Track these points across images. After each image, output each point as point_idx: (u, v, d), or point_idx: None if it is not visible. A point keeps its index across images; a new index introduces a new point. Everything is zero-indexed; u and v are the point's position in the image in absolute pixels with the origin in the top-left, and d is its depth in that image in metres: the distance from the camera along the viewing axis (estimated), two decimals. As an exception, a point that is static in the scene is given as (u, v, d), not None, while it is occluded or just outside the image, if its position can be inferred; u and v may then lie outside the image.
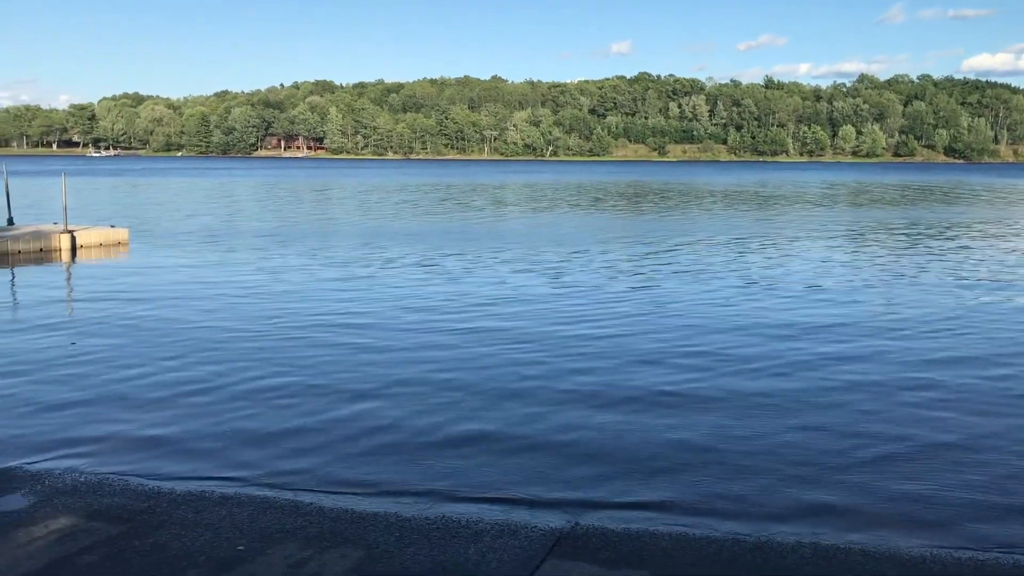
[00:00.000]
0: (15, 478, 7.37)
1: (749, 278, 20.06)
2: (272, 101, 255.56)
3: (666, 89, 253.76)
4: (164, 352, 12.32)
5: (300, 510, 6.73)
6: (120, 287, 18.31)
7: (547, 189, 69.78)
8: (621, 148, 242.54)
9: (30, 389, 10.42)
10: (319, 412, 9.59)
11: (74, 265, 22.49)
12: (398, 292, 17.73)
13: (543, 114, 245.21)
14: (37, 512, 6.55)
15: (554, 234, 31.00)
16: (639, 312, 15.60)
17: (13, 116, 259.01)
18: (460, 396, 10.25)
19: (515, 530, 6.43)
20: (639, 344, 13.01)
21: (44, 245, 24.33)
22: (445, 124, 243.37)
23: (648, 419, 9.42)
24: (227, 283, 18.87)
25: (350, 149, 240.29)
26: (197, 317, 14.95)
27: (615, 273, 20.75)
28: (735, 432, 8.98)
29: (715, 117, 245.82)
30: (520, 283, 19.00)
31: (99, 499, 6.85)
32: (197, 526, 6.33)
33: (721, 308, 16.08)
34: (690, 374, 11.31)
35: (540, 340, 13.20)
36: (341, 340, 13.15)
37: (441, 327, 14.16)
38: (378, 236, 29.66)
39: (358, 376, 11.08)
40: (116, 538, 6.07)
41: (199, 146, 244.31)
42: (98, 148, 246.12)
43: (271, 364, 11.66)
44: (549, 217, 40.16)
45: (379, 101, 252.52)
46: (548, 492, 7.40)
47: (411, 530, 6.38)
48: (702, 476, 7.80)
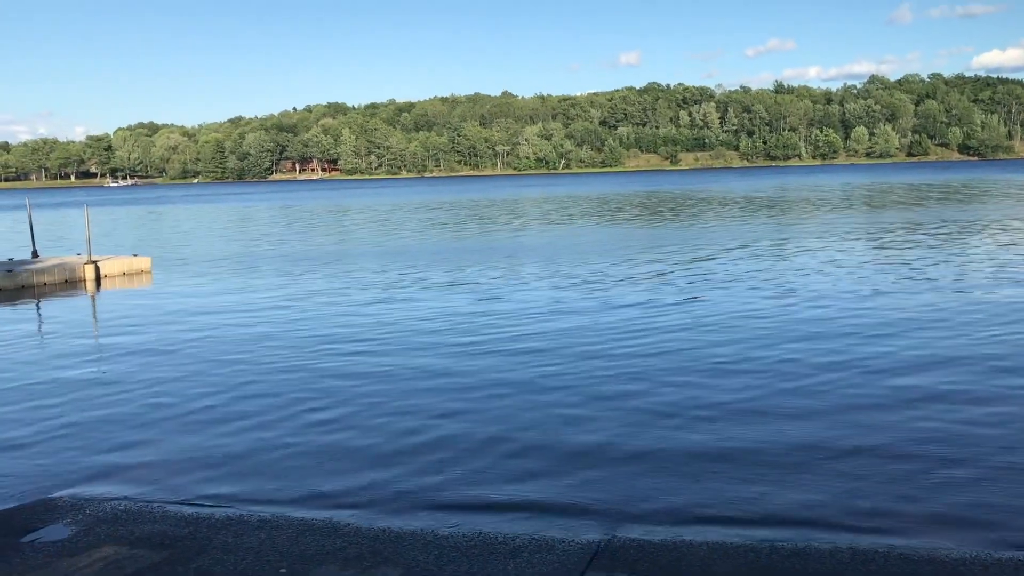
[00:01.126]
0: (56, 508, 7.47)
1: (799, 285, 19.76)
2: (285, 125, 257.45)
3: (676, 98, 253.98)
4: (193, 378, 12.45)
5: (338, 531, 6.79)
6: (146, 315, 18.50)
7: (566, 202, 69.88)
8: (633, 158, 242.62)
9: (64, 420, 10.55)
10: (351, 434, 9.66)
11: (99, 295, 22.74)
12: (433, 312, 17.80)
13: (554, 128, 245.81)
14: (80, 541, 6.64)
15: (585, 246, 31.04)
16: (683, 325, 15.48)
17: (31, 149, 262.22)
18: (492, 411, 10.29)
19: (552, 545, 6.46)
20: (680, 357, 13.02)
21: (69, 276, 24.62)
22: (457, 141, 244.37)
23: (684, 431, 9.43)
24: (253, 308, 19.03)
25: (364, 169, 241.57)
26: (225, 343, 15.08)
27: (658, 285, 20.52)
28: (771, 440, 8.98)
29: (726, 124, 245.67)
30: (562, 298, 18.96)
31: (140, 526, 6.94)
32: (238, 550, 6.41)
33: (768, 319, 15.76)
34: (735, 384, 11.30)
35: (599, 357, 13.24)
36: (374, 361, 13.24)
37: (473, 344, 14.24)
38: (406, 256, 29.79)
39: (393, 397, 11.15)
40: (160, 564, 6.16)
41: (215, 172, 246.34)
42: (116, 178, 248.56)
43: (303, 388, 11.76)
44: (575, 230, 40.18)
45: (391, 121, 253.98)
46: (584, 505, 7.43)
47: (449, 548, 6.43)
48: (738, 484, 7.81)
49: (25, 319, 19.21)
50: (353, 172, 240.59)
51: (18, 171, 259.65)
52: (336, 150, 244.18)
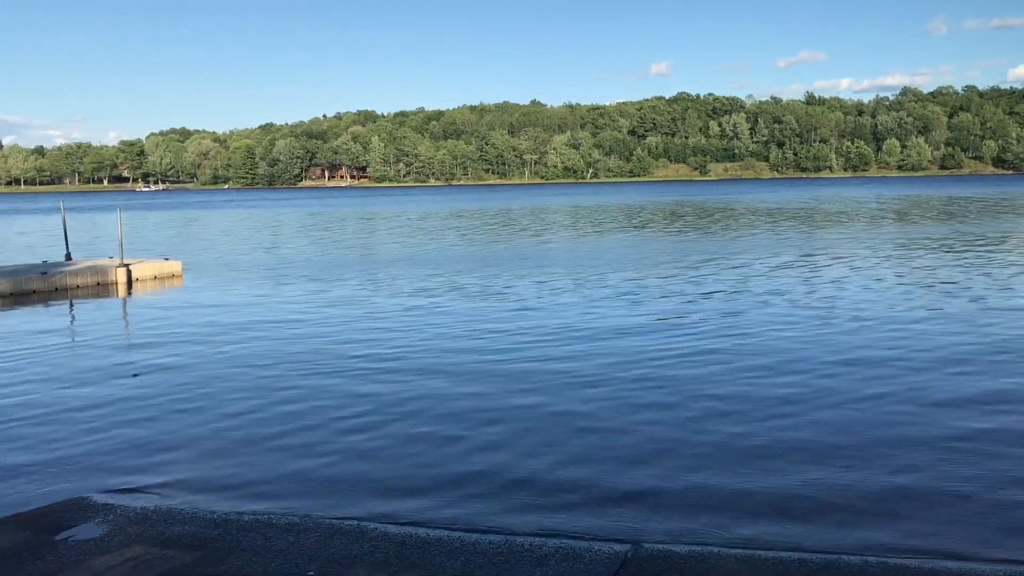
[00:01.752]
0: (87, 507, 7.56)
1: (840, 302, 19.55)
2: (315, 132, 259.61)
3: (706, 108, 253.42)
4: (223, 382, 12.56)
5: (365, 536, 6.82)
6: (177, 319, 18.69)
7: (597, 211, 69.81)
8: (662, 168, 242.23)
9: (95, 421, 10.68)
10: (379, 441, 9.70)
11: (131, 298, 23.01)
12: (466, 321, 17.84)
13: (582, 137, 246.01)
14: (112, 541, 6.71)
15: (618, 256, 31.00)
16: (718, 337, 15.38)
17: (65, 154, 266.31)
18: (522, 422, 10.30)
19: (579, 554, 6.45)
20: (714, 371, 12.97)
21: (101, 279, 24.93)
22: (485, 150, 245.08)
23: (715, 445, 9.39)
24: (285, 313, 19.17)
25: (392, 177, 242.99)
26: (256, 348, 15.20)
27: (695, 297, 20.32)
28: (804, 457, 8.91)
29: (756, 135, 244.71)
30: (597, 309, 18.89)
31: (170, 527, 7.00)
32: (267, 552, 6.45)
33: (807, 337, 15.42)
34: (770, 400, 11.23)
35: (630, 369, 13.21)
36: (406, 369, 13.30)
37: (506, 353, 14.26)
38: (439, 263, 29.88)
39: (424, 407, 11.18)
40: (190, 565, 6.21)
41: (245, 178, 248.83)
42: (147, 183, 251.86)
43: (333, 394, 11.81)
44: (607, 240, 40.13)
45: (420, 129, 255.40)
46: (611, 516, 7.42)
47: (476, 554, 6.44)
48: (768, 498, 7.76)
49: (58, 321, 19.46)
50: (381, 180, 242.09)
51: (52, 175, 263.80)
52: (365, 157, 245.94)
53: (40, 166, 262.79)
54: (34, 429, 10.35)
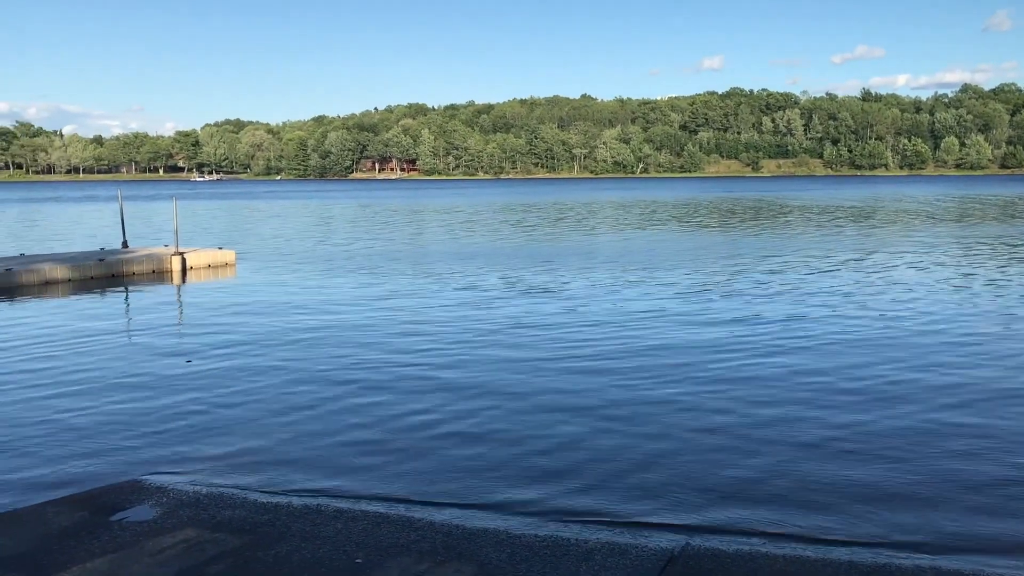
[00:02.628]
0: (142, 490, 7.72)
1: (905, 304, 19.20)
2: (367, 125, 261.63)
3: (759, 104, 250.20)
4: (275, 370, 12.72)
5: (412, 525, 6.86)
6: (230, 307, 18.98)
7: (653, 207, 69.37)
8: (713, 164, 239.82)
9: (149, 405, 10.89)
10: (427, 430, 9.76)
11: (185, 286, 23.42)
12: (522, 315, 17.87)
13: (633, 131, 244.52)
14: (165, 523, 6.84)
15: (675, 253, 30.81)
16: (780, 342, 15.24)
17: (123, 143, 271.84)
18: (574, 417, 10.29)
19: (625, 549, 6.42)
20: (773, 376, 12.84)
21: (157, 266, 25.41)
22: (535, 143, 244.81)
23: (767, 446, 9.29)
24: (337, 303, 19.36)
25: (441, 170, 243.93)
26: (307, 336, 15.37)
27: (754, 297, 20.00)
28: (859, 459, 8.78)
29: (810, 131, 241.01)
30: (657, 306, 18.81)
31: (221, 511, 7.12)
32: (316, 539, 6.53)
33: (870, 340, 15.15)
34: (825, 405, 11.09)
35: (684, 367, 13.15)
36: (458, 360, 13.36)
37: (562, 348, 14.26)
38: (494, 257, 29.93)
39: (475, 398, 11.22)
40: (240, 549, 6.31)
41: (297, 169, 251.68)
42: (202, 173, 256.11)
43: (384, 383, 11.92)
44: (665, 235, 39.89)
45: (470, 122, 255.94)
46: (659, 513, 7.38)
47: (522, 547, 6.44)
48: (821, 500, 7.66)
49: (114, 307, 19.89)
50: (431, 172, 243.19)
51: (110, 164, 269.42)
52: (415, 150, 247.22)
53: (99, 155, 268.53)
54: (90, 412, 10.58)
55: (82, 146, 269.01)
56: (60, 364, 13.28)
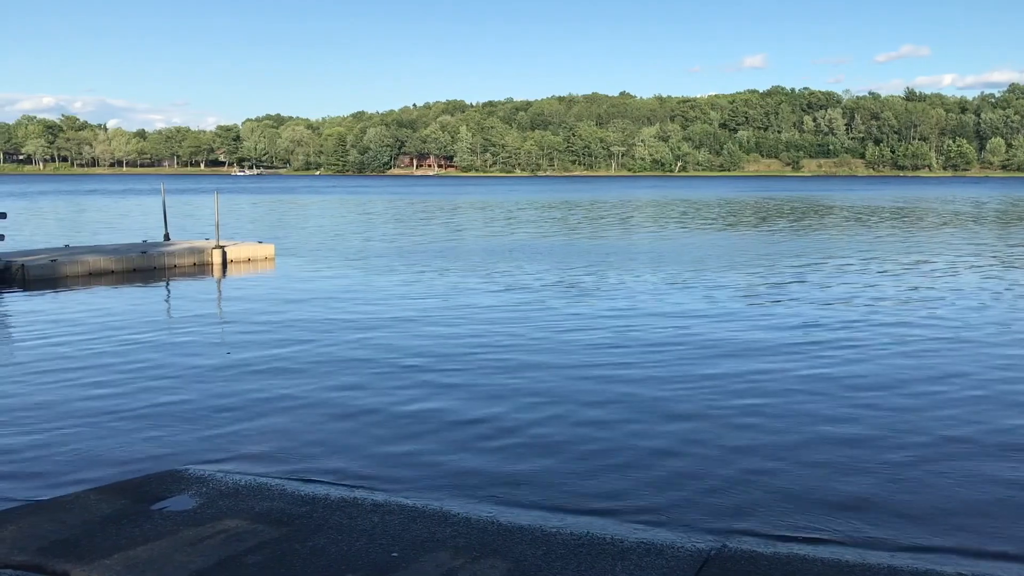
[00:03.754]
0: (182, 480, 7.82)
1: (964, 310, 19.05)
2: (405, 121, 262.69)
3: (800, 102, 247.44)
4: (314, 365, 12.83)
5: (448, 520, 6.88)
6: (270, 300, 19.16)
7: (697, 205, 68.96)
8: (753, 163, 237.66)
9: (190, 396, 11.04)
10: (463, 426, 9.79)
11: (225, 279, 23.69)
12: (567, 313, 17.86)
13: (672, 129, 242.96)
14: (204, 513, 6.93)
15: (720, 253, 30.63)
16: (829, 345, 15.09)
17: (165, 137, 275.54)
18: (608, 417, 10.27)
19: (661, 550, 6.39)
20: (821, 378, 12.71)
21: (198, 260, 25.73)
22: (572, 141, 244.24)
23: (807, 450, 9.20)
24: (377, 297, 19.48)
25: (479, 167, 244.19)
26: (347, 331, 15.48)
27: (809, 299, 19.79)
28: (904, 467, 8.67)
29: (852, 131, 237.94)
30: (704, 307, 18.76)
31: (260, 502, 7.19)
32: (352, 531, 6.57)
33: (927, 349, 14.53)
34: (879, 408, 10.95)
35: (724, 368, 13.07)
36: (496, 357, 13.38)
37: (608, 348, 14.24)
38: (537, 254, 29.93)
39: (513, 396, 11.23)
40: (278, 540, 6.37)
41: (336, 165, 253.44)
42: (242, 167, 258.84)
43: (422, 378, 11.97)
44: (709, 235, 39.67)
45: (508, 119, 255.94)
46: (695, 514, 7.34)
47: (557, 544, 6.44)
48: (861, 506, 7.57)
49: (156, 299, 20.18)
50: (468, 169, 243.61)
51: (153, 158, 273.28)
52: (453, 147, 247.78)
53: (142, 149, 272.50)
54: (131, 402, 10.74)
55: (125, 140, 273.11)
56: (101, 355, 13.50)
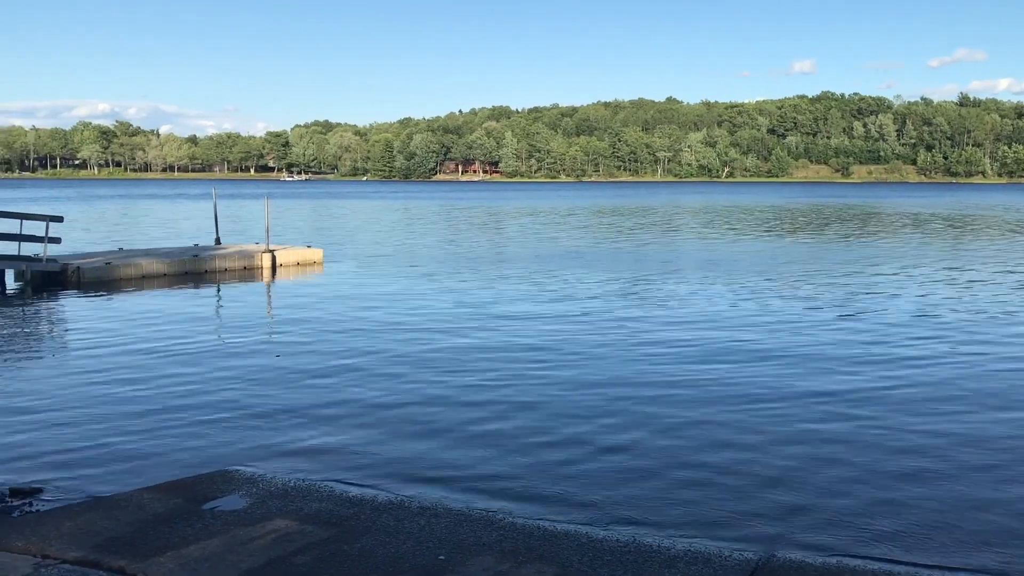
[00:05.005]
0: (232, 480, 7.93)
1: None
2: (451, 127, 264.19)
3: (850, 108, 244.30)
4: (361, 367, 12.94)
5: (494, 524, 6.89)
6: (318, 304, 19.37)
7: (751, 212, 68.37)
8: (801, 169, 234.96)
9: (239, 398, 11.20)
10: (514, 431, 9.81)
11: (275, 283, 24.00)
12: (617, 321, 17.83)
13: (719, 135, 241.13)
14: (254, 513, 7.02)
15: (782, 261, 30.38)
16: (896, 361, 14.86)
17: (216, 143, 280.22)
18: (656, 425, 10.23)
19: (709, 558, 6.34)
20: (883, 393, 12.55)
21: (248, 263, 26.10)
22: (618, 146, 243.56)
23: (864, 462, 9.08)
24: (420, 304, 19.59)
25: (524, 172, 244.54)
26: (397, 335, 15.57)
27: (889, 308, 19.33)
28: (956, 477, 8.51)
29: (903, 137, 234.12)
30: (761, 315, 18.61)
31: (308, 503, 7.27)
32: (399, 534, 6.61)
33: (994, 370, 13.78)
34: (942, 425, 10.71)
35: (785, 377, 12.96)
36: (548, 364, 13.39)
37: (656, 354, 14.20)
38: (591, 261, 29.93)
39: (565, 404, 11.21)
40: (327, 541, 6.43)
41: (382, 171, 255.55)
42: (291, 173, 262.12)
43: (470, 382, 12.01)
44: (780, 242, 39.32)
45: (553, 125, 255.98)
46: (743, 522, 7.28)
47: (603, 551, 6.41)
48: (915, 518, 7.45)
49: (207, 302, 20.52)
50: (513, 175, 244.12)
51: (204, 163, 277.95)
52: (498, 152, 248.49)
53: (193, 154, 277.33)
54: (182, 403, 10.92)
55: (177, 145, 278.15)
56: (153, 357, 13.75)
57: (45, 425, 9.96)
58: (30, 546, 6.26)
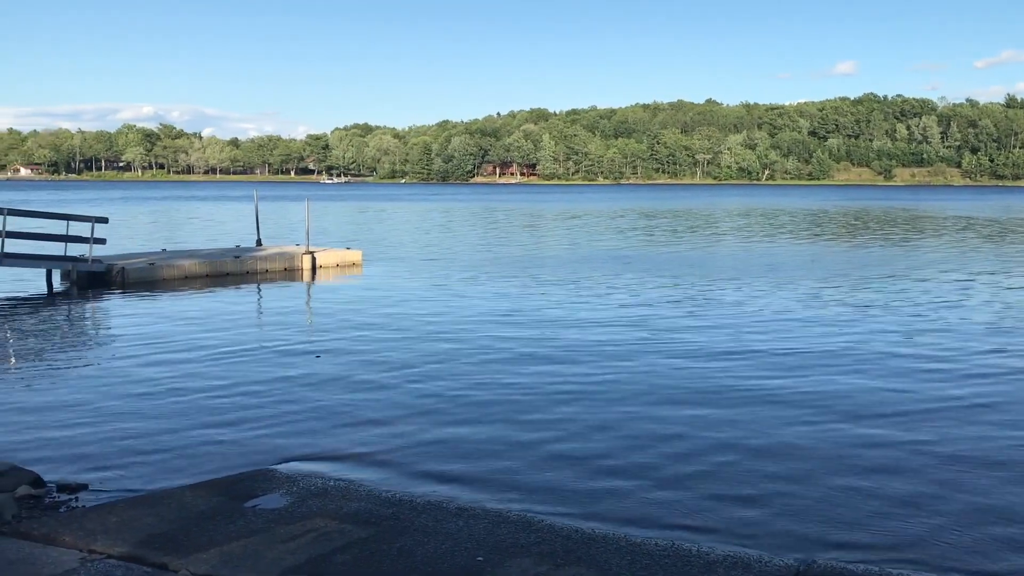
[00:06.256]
0: (273, 479, 8.02)
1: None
2: (489, 129, 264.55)
3: (893, 110, 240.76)
4: (401, 368, 13.00)
5: (532, 526, 6.90)
6: (357, 305, 19.50)
7: (795, 215, 67.76)
8: (843, 172, 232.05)
9: (280, 398, 11.31)
10: (553, 436, 9.80)
11: (314, 283, 24.22)
12: (670, 325, 17.77)
13: (759, 137, 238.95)
14: (295, 511, 7.09)
15: (841, 265, 30.09)
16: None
17: (257, 145, 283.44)
18: (696, 430, 10.17)
19: (748, 564, 6.29)
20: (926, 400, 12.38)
21: (288, 265, 26.36)
22: (656, 149, 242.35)
23: (901, 470, 8.96)
24: (460, 306, 19.64)
25: (561, 175, 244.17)
26: (434, 335, 15.67)
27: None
28: (1009, 489, 8.36)
29: (948, 139, 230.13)
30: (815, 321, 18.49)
31: (348, 503, 7.32)
32: (437, 534, 6.64)
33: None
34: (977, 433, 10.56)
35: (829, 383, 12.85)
36: (588, 368, 13.38)
37: (709, 358, 14.14)
38: (646, 264, 29.86)
39: (603, 408, 11.21)
40: (366, 541, 6.48)
41: (421, 173, 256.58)
42: (330, 175, 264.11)
43: (514, 385, 12.03)
44: (830, 246, 38.96)
45: (591, 127, 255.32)
46: (783, 528, 7.21)
47: (642, 555, 6.38)
48: (946, 526, 7.33)
49: (248, 302, 20.75)
50: (551, 177, 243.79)
51: (245, 165, 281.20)
52: (536, 155, 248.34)
53: (235, 157, 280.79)
54: (223, 403, 11.06)
55: (219, 148, 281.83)
56: (195, 356, 13.93)
57: (90, 422, 10.15)
58: (77, 541, 6.38)
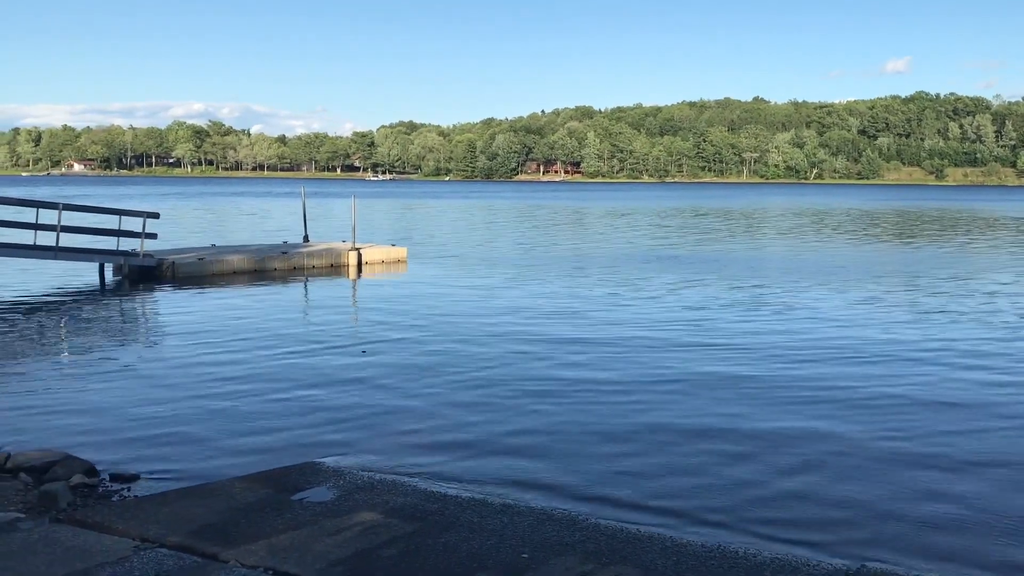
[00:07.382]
0: (320, 472, 8.10)
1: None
2: (533, 127, 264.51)
3: (946, 108, 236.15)
4: (446, 365, 13.05)
5: (577, 524, 6.88)
6: (403, 302, 19.63)
7: (858, 216, 66.88)
8: (893, 171, 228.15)
9: (326, 393, 11.42)
10: (600, 436, 9.78)
11: (360, 280, 24.42)
12: (728, 326, 17.67)
13: (807, 135, 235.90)
14: (342, 505, 7.15)
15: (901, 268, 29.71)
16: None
17: (305, 143, 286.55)
18: (748, 434, 10.08)
19: (796, 567, 6.21)
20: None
21: (334, 261, 26.61)
22: (702, 147, 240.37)
23: (949, 475, 8.80)
24: (505, 303, 19.66)
25: (605, 173, 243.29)
26: (479, 332, 15.71)
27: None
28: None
29: (1002, 138, 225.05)
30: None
31: (394, 498, 7.37)
32: (482, 531, 6.66)
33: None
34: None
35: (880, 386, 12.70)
36: (631, 364, 13.34)
37: (770, 358, 14.03)
38: (696, 265, 29.73)
39: (656, 404, 11.17)
40: (411, 535, 6.52)
41: (465, 171, 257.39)
42: (376, 173, 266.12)
43: (558, 383, 12.01)
44: (886, 248, 38.47)
45: (637, 125, 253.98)
46: (832, 532, 7.12)
47: (687, 555, 6.34)
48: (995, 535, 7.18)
49: (295, 298, 20.98)
50: (595, 175, 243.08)
51: (292, 162, 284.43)
52: (580, 153, 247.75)
53: (282, 153, 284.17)
54: (271, 396, 11.20)
55: (267, 145, 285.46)
56: (242, 351, 14.11)
57: (141, 413, 10.33)
58: (129, 529, 6.51)
